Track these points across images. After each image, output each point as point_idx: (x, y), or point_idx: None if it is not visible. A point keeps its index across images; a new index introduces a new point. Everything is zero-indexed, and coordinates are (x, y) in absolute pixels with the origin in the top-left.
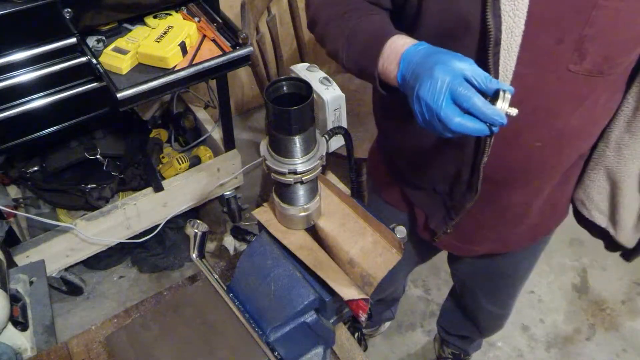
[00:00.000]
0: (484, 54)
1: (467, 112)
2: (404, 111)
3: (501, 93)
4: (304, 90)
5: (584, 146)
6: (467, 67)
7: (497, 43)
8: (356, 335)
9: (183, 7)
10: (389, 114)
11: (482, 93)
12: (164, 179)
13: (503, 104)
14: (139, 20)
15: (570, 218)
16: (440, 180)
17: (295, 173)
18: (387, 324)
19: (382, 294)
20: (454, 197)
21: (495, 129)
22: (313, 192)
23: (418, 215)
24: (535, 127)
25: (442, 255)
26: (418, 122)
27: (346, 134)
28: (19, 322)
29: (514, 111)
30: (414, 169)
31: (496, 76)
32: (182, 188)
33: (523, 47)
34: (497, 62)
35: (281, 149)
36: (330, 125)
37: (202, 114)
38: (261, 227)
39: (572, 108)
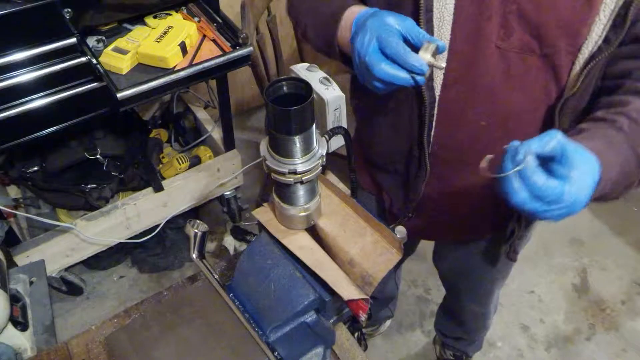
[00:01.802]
0: (417, 22)
1: (392, 60)
2: (364, 92)
3: (426, 45)
4: (304, 90)
5: (531, 131)
6: (402, 24)
7: (429, 10)
8: (356, 335)
9: (183, 7)
10: (355, 95)
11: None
12: (164, 179)
13: (426, 54)
14: (139, 20)
15: (570, 218)
16: (397, 159)
17: (295, 173)
18: (387, 323)
19: (375, 293)
20: (409, 177)
21: (419, 78)
22: (313, 192)
23: (385, 200)
24: (477, 105)
25: None
26: (355, 72)
27: (346, 134)
28: (19, 322)
29: (440, 63)
30: (376, 149)
31: None
32: (182, 188)
33: (456, 21)
34: (430, 30)
35: (281, 149)
36: (330, 125)
37: (202, 114)
38: (261, 227)
39: (509, 86)
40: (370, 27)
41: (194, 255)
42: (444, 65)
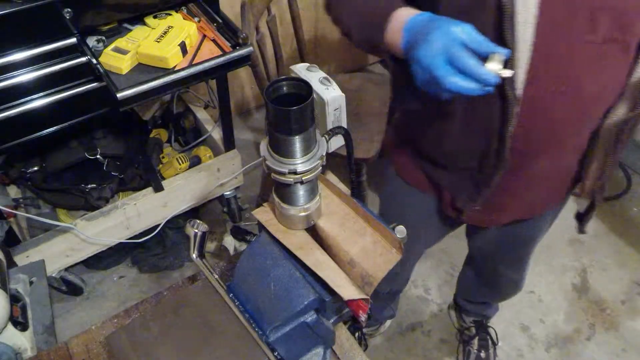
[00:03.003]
0: (501, 28)
1: (462, 72)
2: (427, 96)
3: (492, 55)
4: (304, 90)
5: (602, 110)
6: (464, 32)
7: (512, 15)
8: (356, 334)
9: (183, 7)
10: (413, 96)
11: (482, 58)
12: (164, 179)
13: (494, 65)
14: (139, 20)
15: (570, 218)
16: (469, 156)
17: (295, 173)
18: (388, 322)
19: (390, 285)
20: (483, 172)
21: (488, 88)
22: (313, 192)
23: (444, 195)
24: (562, 97)
25: (442, 254)
26: (418, 84)
27: (346, 134)
28: (19, 322)
29: (507, 72)
30: (440, 150)
31: (514, 48)
32: (182, 188)
33: (539, 19)
34: (514, 35)
35: (281, 149)
36: (330, 125)
37: (202, 114)
38: (261, 227)
39: (592, 76)
40: (435, 39)
41: (194, 255)
42: (510, 74)
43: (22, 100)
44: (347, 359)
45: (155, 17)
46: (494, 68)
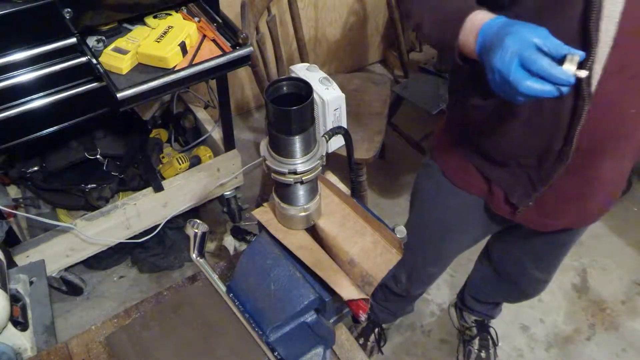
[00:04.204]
0: (587, 23)
1: (537, 75)
2: (488, 92)
3: (568, 56)
4: (304, 90)
5: None
6: (539, 36)
7: (600, 9)
8: (376, 330)
9: (183, 7)
10: (477, 92)
11: (557, 61)
12: (164, 179)
13: (570, 65)
14: (139, 20)
15: None
16: (529, 153)
17: (295, 173)
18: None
19: (426, 286)
20: (541, 169)
21: (564, 89)
22: (313, 192)
23: (495, 193)
24: (632, 95)
25: None
26: (492, 88)
27: (346, 134)
28: (19, 322)
29: (583, 73)
30: (499, 147)
31: (597, 43)
32: (182, 188)
33: (624, 15)
34: (598, 29)
35: (281, 149)
36: (330, 125)
37: (202, 114)
38: (261, 227)
39: None
40: (509, 44)
41: (194, 255)
42: (586, 74)
43: (22, 100)
44: (347, 359)
45: (155, 17)
46: (570, 69)
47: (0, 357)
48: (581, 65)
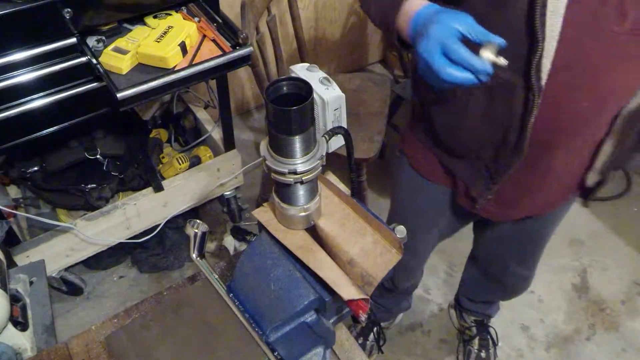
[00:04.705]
0: (532, 16)
1: (458, 64)
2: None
3: (489, 44)
4: (304, 90)
5: (623, 103)
6: (463, 24)
7: (544, 5)
8: (375, 329)
9: (183, 7)
10: (425, 89)
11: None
12: (164, 179)
13: (487, 52)
14: (139, 20)
15: (570, 218)
16: (486, 145)
17: (295, 173)
18: (401, 315)
19: (409, 280)
20: (498, 162)
21: (483, 77)
22: (313, 192)
23: (459, 185)
24: (584, 88)
25: (441, 254)
26: (420, 74)
27: (346, 134)
28: (19, 322)
29: (502, 61)
30: (456, 139)
31: (543, 38)
32: (182, 188)
33: (568, 8)
34: (543, 24)
35: (281, 149)
36: (330, 125)
37: (202, 114)
38: (261, 227)
39: (617, 67)
40: (433, 34)
41: (194, 255)
42: (505, 62)
43: (22, 100)
44: (347, 359)
45: (155, 17)
46: (489, 57)
47: (0, 357)
48: (534, 59)
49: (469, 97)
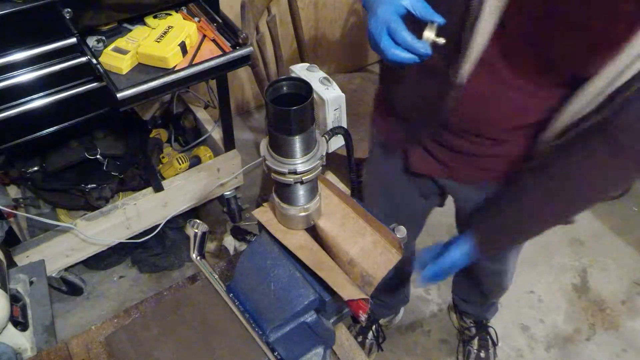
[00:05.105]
0: (463, 26)
1: (400, 44)
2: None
3: (429, 24)
4: (304, 90)
5: (531, 122)
6: (408, 1)
7: (476, 19)
8: (374, 327)
9: (183, 7)
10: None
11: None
12: (164, 179)
13: (430, 32)
14: (139, 20)
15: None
16: (421, 113)
17: (295, 173)
18: (402, 313)
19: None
20: (432, 128)
21: (424, 58)
22: (313, 192)
23: (409, 149)
24: (494, 99)
25: None
26: (372, 48)
27: (346, 134)
28: (19, 322)
29: (440, 41)
30: (400, 102)
31: (469, 46)
32: (182, 188)
33: (497, 29)
34: (472, 33)
35: (281, 149)
36: (330, 125)
37: (202, 114)
38: (261, 227)
39: (521, 94)
40: (380, 14)
41: (194, 255)
42: (443, 42)
43: (22, 100)
44: (347, 359)
45: (155, 17)
46: (429, 36)
47: (0, 357)
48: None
49: (406, 69)
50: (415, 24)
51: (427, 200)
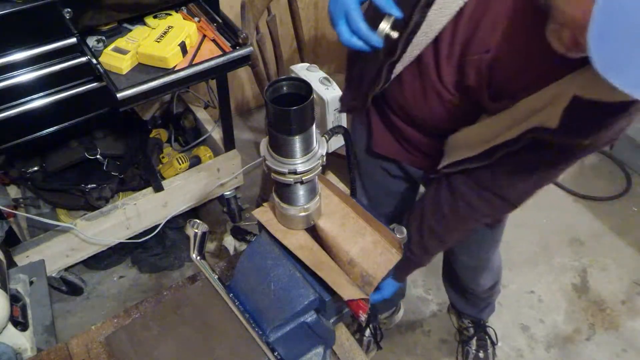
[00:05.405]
0: (406, 36)
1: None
2: None
3: (387, 16)
4: (304, 90)
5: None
6: None
7: (414, 32)
8: (371, 325)
9: (183, 7)
10: None
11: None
12: (164, 179)
13: (385, 24)
14: (139, 20)
15: (569, 218)
16: (367, 87)
17: (295, 173)
18: (402, 311)
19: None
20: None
21: (375, 47)
22: (313, 192)
23: (373, 131)
24: (416, 101)
25: (441, 255)
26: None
27: (346, 134)
28: (19, 322)
29: (394, 34)
30: (352, 75)
31: (406, 50)
32: (182, 188)
33: (437, 44)
34: (408, 45)
35: (281, 149)
36: (330, 125)
37: (202, 114)
38: (261, 227)
39: (434, 106)
40: (341, 0)
41: (194, 255)
42: (397, 35)
43: (22, 100)
44: (347, 359)
45: (155, 17)
46: (384, 28)
47: (0, 357)
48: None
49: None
50: (375, 15)
51: (401, 181)
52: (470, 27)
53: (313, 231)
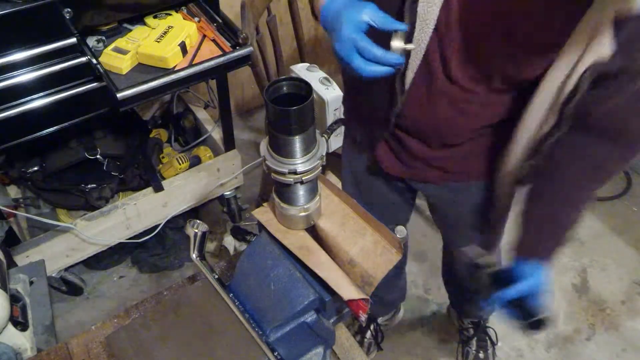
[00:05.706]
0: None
1: (372, 60)
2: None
3: (394, 33)
4: (304, 90)
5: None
6: (367, 13)
7: (411, 33)
8: (372, 327)
9: (183, 7)
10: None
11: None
12: (164, 179)
13: (398, 42)
14: (139, 20)
15: None
16: (376, 113)
17: (295, 173)
18: (402, 312)
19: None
20: (387, 128)
21: (398, 66)
22: (313, 192)
23: (377, 150)
24: (431, 107)
25: (441, 256)
26: (344, 69)
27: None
28: (19, 322)
29: (410, 46)
30: (360, 104)
31: (410, 57)
32: (182, 188)
33: (431, 42)
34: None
35: (281, 149)
36: None
37: (202, 114)
38: (261, 227)
39: (449, 109)
40: (344, 35)
41: (194, 255)
42: (413, 47)
43: (22, 100)
44: (347, 359)
45: (155, 17)
46: (398, 45)
47: (0, 357)
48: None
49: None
50: (379, 35)
51: (401, 195)
52: (461, 2)
53: (313, 231)
